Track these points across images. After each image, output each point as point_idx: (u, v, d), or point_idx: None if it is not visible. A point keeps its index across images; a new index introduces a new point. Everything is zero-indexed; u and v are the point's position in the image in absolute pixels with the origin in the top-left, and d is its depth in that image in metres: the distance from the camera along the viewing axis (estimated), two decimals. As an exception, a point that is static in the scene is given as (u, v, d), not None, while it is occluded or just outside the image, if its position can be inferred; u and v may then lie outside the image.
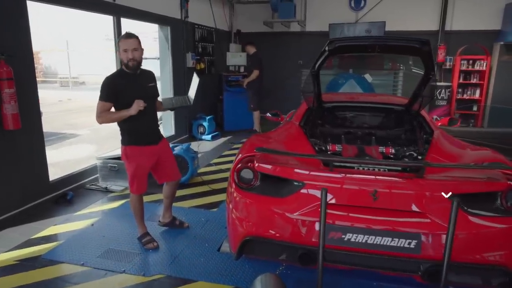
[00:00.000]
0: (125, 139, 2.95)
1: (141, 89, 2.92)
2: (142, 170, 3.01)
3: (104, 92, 2.79)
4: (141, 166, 2.98)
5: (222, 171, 5.22)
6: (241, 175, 2.45)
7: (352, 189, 2.19)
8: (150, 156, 3.02)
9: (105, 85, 2.80)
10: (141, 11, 5.52)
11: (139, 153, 2.95)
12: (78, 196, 4.27)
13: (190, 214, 3.80)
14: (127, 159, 2.95)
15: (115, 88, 2.81)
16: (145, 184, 3.08)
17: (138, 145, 2.95)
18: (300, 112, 3.58)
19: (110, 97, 2.80)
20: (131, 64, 2.80)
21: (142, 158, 2.97)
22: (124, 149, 2.96)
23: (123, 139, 2.97)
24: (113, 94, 2.80)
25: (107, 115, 2.81)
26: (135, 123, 2.87)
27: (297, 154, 2.43)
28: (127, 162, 2.97)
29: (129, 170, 2.98)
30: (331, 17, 8.75)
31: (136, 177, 2.98)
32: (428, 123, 3.24)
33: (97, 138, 7.72)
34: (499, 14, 7.97)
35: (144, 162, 2.99)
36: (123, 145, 2.97)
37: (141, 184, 3.03)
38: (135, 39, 2.80)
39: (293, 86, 9.42)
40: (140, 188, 3.05)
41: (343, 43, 2.55)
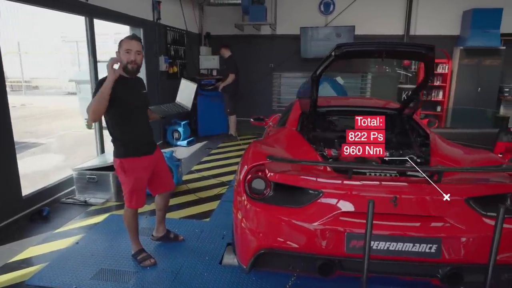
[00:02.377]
0: (121, 151, 2.73)
1: (137, 95, 2.75)
2: (141, 182, 2.82)
3: (95, 91, 2.54)
4: (140, 178, 2.80)
5: (205, 178, 5.06)
6: (253, 185, 2.35)
7: (372, 197, 2.16)
8: (147, 166, 2.85)
9: (98, 85, 2.55)
10: (114, 12, 5.23)
11: (137, 165, 2.77)
12: (55, 212, 3.93)
13: (182, 225, 3.62)
14: (125, 172, 2.74)
15: (112, 90, 2.54)
16: (145, 198, 2.90)
17: (135, 156, 2.76)
18: (294, 117, 3.53)
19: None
20: (131, 67, 2.63)
21: (140, 169, 2.80)
22: (120, 162, 2.73)
23: (118, 152, 2.74)
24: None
25: (91, 101, 2.49)
26: (129, 133, 2.71)
27: (314, 162, 2.37)
28: (124, 175, 2.75)
29: (127, 184, 2.76)
30: (301, 20, 8.83)
31: (135, 191, 2.79)
32: (421, 127, 3.31)
33: (62, 146, 7.24)
34: (458, 20, 8.45)
35: (142, 174, 2.82)
36: (119, 158, 2.74)
37: (140, 198, 2.84)
38: (139, 43, 2.66)
39: (265, 89, 9.42)
40: (140, 202, 2.85)
41: (351, 48, 2.53)
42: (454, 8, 8.38)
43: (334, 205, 2.17)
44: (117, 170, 2.78)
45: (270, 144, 3.02)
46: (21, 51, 15.18)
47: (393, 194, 2.11)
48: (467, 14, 8.19)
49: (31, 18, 16.73)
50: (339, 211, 2.15)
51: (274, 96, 9.55)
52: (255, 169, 2.40)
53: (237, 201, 2.50)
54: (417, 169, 2.16)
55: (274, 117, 5.10)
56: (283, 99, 9.48)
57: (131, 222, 2.92)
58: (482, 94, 8.36)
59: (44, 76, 17.53)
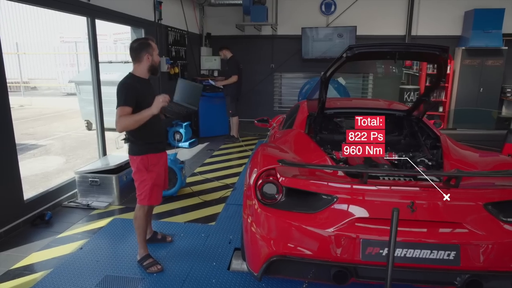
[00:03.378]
0: (142, 148, 2.77)
1: (153, 95, 2.76)
2: (161, 178, 2.91)
3: (124, 96, 2.59)
4: (160, 174, 2.89)
5: (209, 181, 4.99)
6: (264, 190, 2.29)
7: (389, 202, 2.10)
8: (164, 162, 2.98)
9: (124, 89, 2.62)
10: (115, 12, 5.16)
11: (157, 161, 2.85)
12: (57, 216, 3.86)
13: (188, 229, 3.56)
14: (146, 168, 2.78)
15: (136, 92, 2.64)
16: (162, 193, 3.00)
17: (156, 152, 2.84)
18: (301, 119, 3.47)
19: (132, 101, 2.61)
20: (157, 68, 2.79)
21: (160, 165, 2.89)
22: (141, 159, 2.76)
23: (139, 149, 2.77)
24: (133, 97, 2.62)
25: (128, 118, 2.57)
26: (150, 131, 2.77)
27: (328, 167, 2.30)
28: (146, 172, 2.78)
29: (148, 180, 2.78)
30: (302, 21, 8.79)
31: (156, 186, 2.84)
32: (431, 129, 3.26)
33: (63, 148, 7.15)
34: (460, 20, 8.42)
35: (161, 169, 2.91)
36: (140, 155, 2.77)
37: (159, 193, 2.93)
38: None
39: (266, 90, 9.37)
40: (159, 198, 2.93)
41: (363, 50, 2.47)
42: (455, 9, 8.35)
43: (349, 211, 2.11)
44: (138, 167, 2.78)
45: (278, 147, 2.96)
46: (19, 52, 15.03)
47: (410, 199, 2.05)
48: (468, 15, 8.16)
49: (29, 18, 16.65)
50: (354, 217, 2.09)
51: (275, 97, 9.50)
52: (266, 173, 2.34)
53: (247, 205, 2.44)
54: (439, 174, 2.10)
55: (278, 119, 5.03)
56: (284, 100, 9.44)
57: (143, 222, 2.89)
58: (484, 95, 8.33)
59: (42, 77, 17.42)
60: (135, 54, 2.70)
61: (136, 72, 2.74)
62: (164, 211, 4.00)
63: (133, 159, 2.79)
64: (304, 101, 4.46)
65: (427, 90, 3.03)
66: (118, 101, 2.58)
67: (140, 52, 2.68)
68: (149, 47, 2.69)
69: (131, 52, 2.71)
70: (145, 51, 2.68)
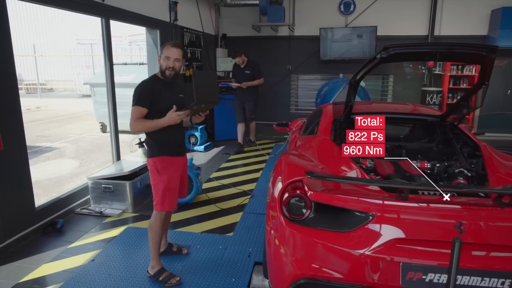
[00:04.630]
0: (155, 150, 2.72)
1: (172, 98, 2.71)
2: (174, 182, 2.76)
3: (140, 97, 2.60)
4: (173, 178, 2.75)
5: (226, 187, 4.80)
6: (290, 205, 2.08)
7: (433, 221, 1.87)
8: (179, 168, 2.83)
9: (141, 89, 2.62)
10: (130, 12, 5.03)
11: (170, 164, 2.74)
12: (69, 224, 3.72)
13: (204, 240, 3.37)
14: (158, 171, 2.69)
15: (152, 93, 2.62)
16: (177, 199, 2.85)
17: (170, 155, 2.75)
18: (326, 124, 3.25)
19: (145, 101, 2.60)
20: (168, 73, 2.66)
21: (174, 169, 2.76)
22: (154, 161, 2.70)
23: (152, 151, 2.73)
24: (149, 99, 2.60)
25: (143, 122, 2.59)
26: (164, 134, 2.67)
27: (365, 181, 2.07)
28: (157, 175, 2.70)
29: (160, 184, 2.69)
30: (320, 21, 8.55)
31: (168, 191, 2.71)
32: (468, 135, 3.00)
33: (77, 151, 7.08)
34: (486, 19, 8.05)
35: (175, 174, 2.77)
36: (153, 157, 2.72)
37: (173, 198, 2.77)
38: (180, 50, 2.69)
39: (282, 92, 9.15)
40: (172, 204, 2.77)
41: (401, 50, 2.24)
42: (481, 7, 7.99)
43: (387, 230, 1.87)
44: (151, 170, 2.73)
45: (303, 155, 2.75)
46: (36, 54, 15.18)
47: (457, 218, 1.81)
48: (496, 13, 7.80)
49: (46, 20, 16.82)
50: (393, 238, 1.86)
51: (292, 99, 9.28)
52: (292, 186, 2.13)
53: (271, 217, 2.24)
54: (501, 191, 1.85)
55: (298, 123, 4.81)
56: (300, 102, 9.22)
57: (158, 231, 2.75)
58: (511, 97, 7.96)
59: (59, 78, 17.60)
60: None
61: (158, 73, 2.75)
62: (179, 219, 3.83)
63: (148, 162, 2.76)
64: (326, 104, 4.24)
65: (467, 94, 2.78)
66: (136, 100, 2.59)
67: (159, 53, 2.72)
68: (162, 50, 2.70)
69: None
70: (160, 53, 2.71)
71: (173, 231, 3.53)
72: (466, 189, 2.05)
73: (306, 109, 8.98)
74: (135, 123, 2.57)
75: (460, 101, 2.87)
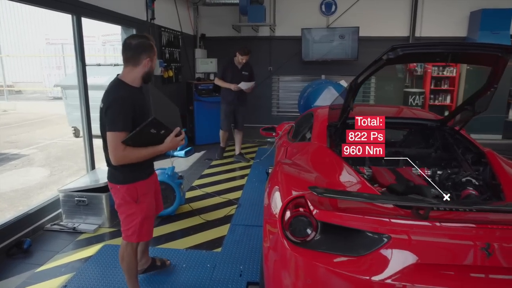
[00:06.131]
0: (128, 176, 2.20)
1: (146, 107, 2.17)
2: (152, 208, 2.39)
3: (122, 117, 2.03)
4: (151, 203, 2.37)
5: (210, 196, 4.52)
6: (293, 226, 1.83)
7: (457, 244, 1.66)
8: (153, 186, 2.45)
9: (120, 107, 2.03)
10: (104, 10, 4.67)
11: (148, 189, 2.32)
12: (38, 243, 3.35)
13: (190, 258, 3.08)
14: (136, 200, 2.23)
15: (133, 109, 2.07)
16: (153, 226, 2.47)
17: (146, 178, 2.31)
18: (320, 130, 3.03)
19: (128, 123, 2.06)
20: (151, 76, 2.25)
21: (150, 193, 2.37)
22: (128, 188, 2.20)
23: (124, 177, 2.20)
24: (130, 118, 2.06)
25: (136, 152, 2.07)
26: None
27: (380, 198, 1.83)
28: (135, 204, 2.24)
29: (138, 213, 2.25)
30: (302, 21, 8.39)
31: (147, 219, 2.31)
32: (471, 141, 2.85)
33: (48, 158, 6.59)
34: (465, 21, 8.12)
35: (152, 198, 2.39)
36: (126, 184, 2.20)
37: (151, 226, 2.41)
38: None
39: (263, 94, 8.92)
40: (150, 232, 2.42)
41: (411, 50, 2.04)
42: (461, 9, 8.05)
43: (407, 254, 1.66)
44: (124, 199, 2.22)
45: (300, 165, 2.52)
46: (2, 54, 14.34)
47: (484, 240, 1.62)
48: (475, 15, 7.86)
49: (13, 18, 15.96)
50: (413, 263, 1.65)
51: (274, 101, 9.07)
52: (294, 203, 1.89)
53: (269, 237, 1.99)
54: None
55: (285, 127, 4.58)
56: (282, 104, 9.03)
57: (133, 261, 2.40)
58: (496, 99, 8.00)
59: (28, 80, 16.73)
60: (133, 55, 2.13)
61: (126, 78, 2.16)
62: (161, 234, 3.53)
63: (116, 189, 2.22)
64: (317, 108, 4.04)
65: (472, 98, 2.62)
66: (113, 124, 2.01)
67: (140, 53, 2.13)
68: (151, 50, 2.17)
69: (128, 51, 2.13)
70: (146, 54, 2.14)
71: (155, 248, 3.23)
72: (507, 207, 1.82)
73: (288, 111, 8.80)
74: (125, 153, 2.03)
75: (464, 104, 2.71)
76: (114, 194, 2.26)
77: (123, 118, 2.02)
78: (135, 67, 2.15)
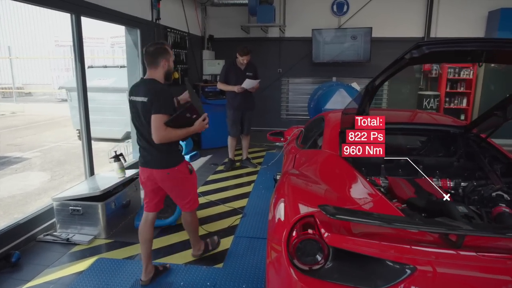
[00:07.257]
0: (179, 157, 2.74)
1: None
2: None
3: (170, 104, 2.55)
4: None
5: (214, 204, 4.28)
6: (300, 251, 1.58)
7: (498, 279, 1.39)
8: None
9: (167, 96, 2.53)
10: (105, 9, 4.48)
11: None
12: (28, 255, 3.15)
13: (189, 275, 2.84)
14: (190, 174, 2.78)
15: (172, 97, 2.63)
16: None
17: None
18: (332, 136, 2.78)
19: (170, 108, 2.55)
20: (172, 75, 2.74)
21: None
22: (182, 165, 2.73)
23: (178, 159, 2.71)
24: (171, 105, 2.59)
25: (173, 131, 2.52)
26: (177, 142, 2.74)
27: (399, 221, 1.52)
28: (189, 175, 2.78)
29: (194, 184, 2.89)
30: (313, 22, 8.15)
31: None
32: (499, 150, 2.57)
33: (49, 163, 6.43)
34: (483, 21, 7.78)
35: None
36: (178, 164, 2.68)
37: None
38: None
39: (272, 96, 8.69)
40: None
41: (438, 48, 1.77)
42: (478, 8, 7.71)
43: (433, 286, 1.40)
44: (185, 173, 2.74)
45: (309, 177, 2.27)
46: (11, 56, 14.37)
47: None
48: (493, 15, 7.52)
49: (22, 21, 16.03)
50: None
51: (283, 104, 8.83)
52: (303, 223, 1.64)
53: (273, 261, 1.74)
54: None
55: (294, 132, 4.33)
56: (291, 107, 8.78)
57: (197, 222, 3.07)
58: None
59: (37, 82, 16.78)
60: (152, 59, 2.59)
61: (155, 77, 2.61)
62: (160, 246, 3.30)
63: (175, 171, 2.65)
64: (328, 112, 3.78)
65: (504, 102, 2.34)
66: (158, 108, 2.45)
67: (156, 57, 2.58)
68: (166, 53, 2.62)
69: (148, 57, 2.60)
70: (162, 57, 2.59)
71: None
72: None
73: (297, 114, 8.55)
74: (166, 132, 2.46)
75: (493, 109, 2.43)
76: (175, 177, 2.67)
77: (166, 105, 2.48)
78: (156, 69, 2.60)
